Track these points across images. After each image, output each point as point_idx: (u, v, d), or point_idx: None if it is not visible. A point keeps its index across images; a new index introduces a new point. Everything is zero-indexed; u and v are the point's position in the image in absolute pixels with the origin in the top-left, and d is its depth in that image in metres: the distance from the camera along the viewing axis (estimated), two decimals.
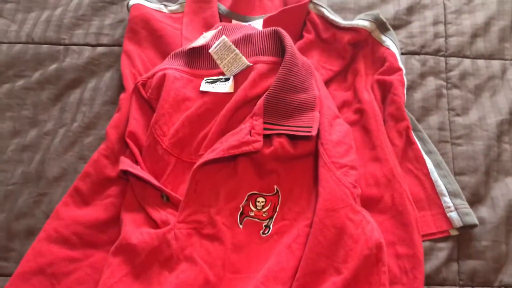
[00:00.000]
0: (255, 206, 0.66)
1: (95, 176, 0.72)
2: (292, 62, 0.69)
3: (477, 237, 0.70)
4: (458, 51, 0.86)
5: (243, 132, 0.66)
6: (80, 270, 0.66)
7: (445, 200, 0.70)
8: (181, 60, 0.77)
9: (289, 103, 0.68)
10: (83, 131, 0.79)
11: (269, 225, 0.66)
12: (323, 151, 0.66)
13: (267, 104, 0.68)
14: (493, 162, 0.75)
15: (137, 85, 0.74)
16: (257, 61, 0.74)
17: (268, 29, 0.74)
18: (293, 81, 0.69)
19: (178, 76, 0.74)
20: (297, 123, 0.67)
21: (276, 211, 0.66)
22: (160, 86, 0.73)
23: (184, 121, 0.71)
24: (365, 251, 0.61)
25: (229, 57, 0.73)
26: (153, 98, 0.74)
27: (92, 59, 0.86)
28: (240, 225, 0.65)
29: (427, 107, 0.80)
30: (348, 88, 0.80)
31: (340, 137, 0.69)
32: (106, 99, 0.82)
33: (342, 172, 0.65)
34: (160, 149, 0.70)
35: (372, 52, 0.82)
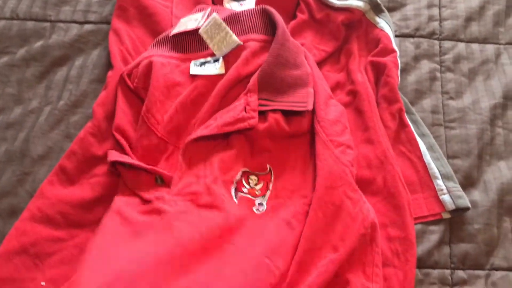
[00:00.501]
0: (248, 183, 0.65)
1: (81, 155, 0.70)
2: (284, 37, 0.68)
3: (469, 220, 0.69)
4: (452, 34, 0.85)
5: (237, 109, 0.65)
6: (64, 250, 0.64)
7: (438, 183, 0.70)
8: (165, 46, 0.75)
9: (283, 78, 0.67)
10: (69, 109, 0.77)
11: (262, 202, 0.64)
12: (320, 129, 0.65)
13: (261, 80, 0.66)
14: (486, 145, 0.75)
15: (122, 76, 0.72)
16: (247, 39, 0.72)
17: (256, 7, 0.73)
18: (287, 56, 0.67)
19: (165, 62, 0.72)
20: (292, 98, 0.66)
21: (269, 189, 0.65)
22: (147, 74, 0.71)
23: (177, 107, 0.69)
24: (361, 230, 0.60)
25: (219, 35, 0.71)
26: (140, 87, 0.71)
27: (79, 37, 0.83)
28: (235, 199, 0.64)
29: (421, 90, 0.79)
30: (341, 70, 0.79)
31: (336, 116, 0.68)
32: (93, 77, 0.80)
33: (340, 151, 0.65)
34: (155, 138, 0.68)
35: (366, 33, 0.80)
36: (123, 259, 0.56)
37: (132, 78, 0.72)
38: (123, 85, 0.72)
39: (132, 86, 0.71)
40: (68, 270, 0.63)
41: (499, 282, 0.66)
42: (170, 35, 0.74)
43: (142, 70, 0.71)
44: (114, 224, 0.61)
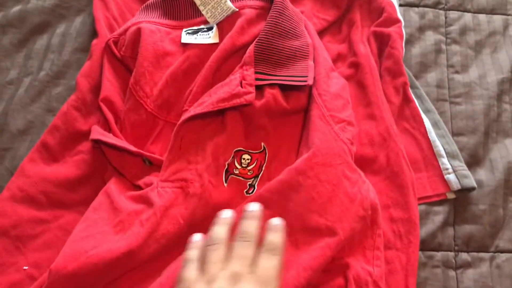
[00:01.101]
0: (240, 163, 0.61)
1: (64, 130, 0.65)
2: (283, 5, 0.63)
3: (474, 200, 0.66)
4: (458, 4, 0.80)
5: (233, 84, 0.60)
6: (48, 232, 0.60)
7: (443, 162, 0.66)
8: (155, 12, 0.69)
9: (281, 50, 0.62)
10: (51, 80, 0.71)
11: (253, 184, 0.60)
12: (321, 103, 0.61)
13: (258, 52, 0.61)
14: (492, 122, 0.71)
15: (108, 43, 0.66)
16: (243, 6, 0.67)
17: None
18: (285, 25, 0.62)
19: (155, 29, 0.67)
20: (291, 72, 0.61)
21: (262, 170, 0.61)
22: (135, 42, 0.66)
23: (167, 79, 0.64)
24: (360, 212, 0.56)
25: (213, 1, 0.66)
26: (127, 56, 0.66)
27: (61, 1, 0.77)
28: (225, 183, 0.59)
29: (425, 63, 0.75)
30: (343, 40, 0.74)
31: (338, 90, 0.63)
32: (76, 46, 0.74)
33: (340, 128, 0.60)
34: (144, 112, 0.63)
35: (369, 2, 0.75)
36: (101, 248, 0.52)
37: (119, 46, 0.66)
38: (109, 54, 0.66)
39: (118, 55, 0.66)
40: (53, 254, 0.58)
41: (504, 264, 0.64)
42: (160, 0, 0.69)
43: (130, 37, 0.65)
44: (101, 207, 0.57)
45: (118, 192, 0.58)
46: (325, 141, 0.58)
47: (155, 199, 0.56)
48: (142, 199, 0.57)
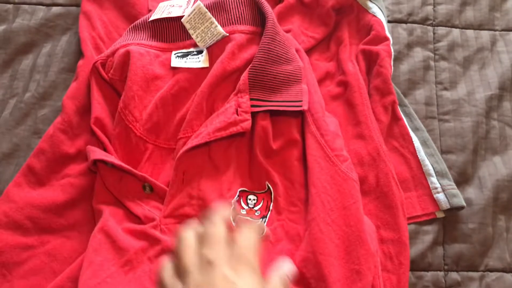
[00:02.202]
0: (247, 203, 0.60)
1: (50, 153, 0.64)
2: (274, 30, 0.62)
3: (464, 219, 0.66)
4: (446, 20, 0.80)
5: (229, 112, 0.59)
6: (35, 258, 0.59)
7: (432, 181, 0.66)
8: (143, 33, 0.68)
9: (275, 75, 0.61)
10: (37, 102, 0.70)
11: (262, 225, 0.60)
12: (324, 143, 0.61)
13: (252, 79, 0.61)
14: (481, 139, 0.71)
15: (95, 65, 0.65)
16: (233, 31, 0.66)
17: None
18: (278, 51, 0.62)
19: (144, 52, 0.66)
20: (286, 97, 0.61)
21: (270, 210, 0.60)
22: (124, 65, 0.65)
23: (157, 103, 0.63)
24: (375, 246, 0.58)
25: (203, 26, 0.65)
26: (116, 79, 0.65)
27: (46, 21, 0.76)
28: (233, 222, 0.58)
29: (414, 80, 0.75)
30: (331, 58, 0.74)
31: (335, 128, 0.64)
32: (62, 66, 0.73)
33: (346, 166, 0.60)
34: (134, 136, 0.62)
35: (357, 20, 0.75)
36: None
37: (107, 68, 0.65)
38: (96, 76, 0.65)
39: (106, 77, 0.65)
40: (39, 281, 0.58)
41: (494, 283, 0.64)
42: (149, 21, 0.68)
43: (119, 60, 0.64)
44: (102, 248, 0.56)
45: (116, 227, 0.57)
46: (335, 184, 0.58)
47: (160, 236, 0.56)
48: (145, 235, 0.56)
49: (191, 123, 0.62)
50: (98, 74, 0.65)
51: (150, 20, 0.67)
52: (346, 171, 0.60)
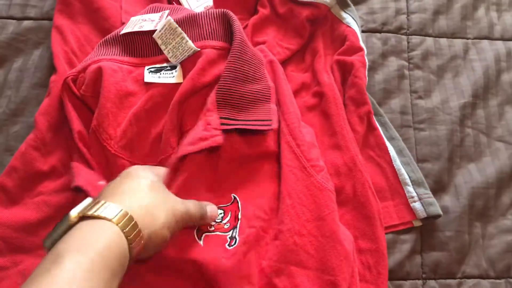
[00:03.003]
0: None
1: (23, 171, 0.62)
2: (241, 50, 0.61)
3: (441, 227, 0.67)
4: (420, 29, 0.81)
5: (199, 129, 0.58)
6: (8, 279, 0.58)
7: (409, 190, 0.67)
8: (114, 48, 0.67)
9: (243, 94, 0.61)
10: (8, 118, 0.69)
11: (234, 236, 0.57)
12: (300, 153, 0.60)
13: (219, 98, 0.60)
14: (456, 147, 0.72)
15: (66, 81, 0.63)
16: (205, 46, 0.65)
17: (216, 11, 0.66)
18: (245, 69, 0.61)
19: (116, 67, 0.64)
20: (255, 116, 0.60)
21: (239, 219, 0.58)
22: (96, 82, 0.63)
23: (131, 119, 0.62)
24: (351, 256, 0.57)
25: (174, 41, 0.64)
26: (88, 96, 0.63)
27: (17, 35, 0.74)
28: (200, 241, 0.57)
29: (389, 89, 0.75)
30: (306, 69, 0.74)
31: (311, 139, 0.64)
32: (35, 81, 0.71)
33: (322, 176, 0.60)
34: (109, 154, 0.61)
35: (332, 30, 0.76)
36: None
37: (78, 84, 0.63)
38: (68, 92, 0.63)
39: (78, 93, 0.63)
40: None
41: None
42: (120, 35, 0.67)
43: (91, 76, 0.63)
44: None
45: None
46: (311, 195, 0.58)
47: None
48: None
49: (168, 141, 0.61)
50: (70, 91, 0.63)
51: (122, 34, 0.66)
52: (322, 182, 0.59)
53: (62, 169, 0.64)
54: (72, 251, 0.38)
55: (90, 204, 0.44)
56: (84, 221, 0.42)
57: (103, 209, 0.43)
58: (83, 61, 0.66)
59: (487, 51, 0.80)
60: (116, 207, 0.43)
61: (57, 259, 0.37)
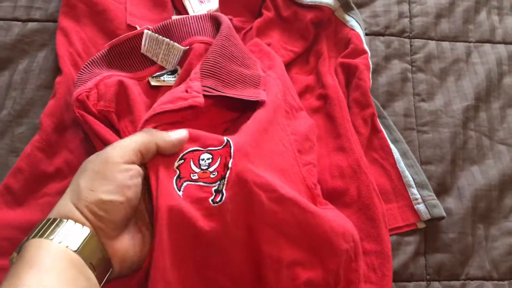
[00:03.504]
0: (199, 165, 0.49)
1: (28, 172, 0.62)
2: (229, 32, 0.60)
3: (444, 229, 0.67)
4: (422, 32, 0.82)
5: (177, 90, 0.54)
6: None
7: (412, 192, 0.67)
8: (110, 68, 0.65)
9: (229, 72, 0.57)
10: (13, 119, 0.69)
11: (221, 189, 0.47)
12: (293, 142, 0.59)
13: (204, 70, 0.56)
14: (459, 150, 0.73)
15: (79, 98, 0.59)
16: (192, 42, 0.63)
17: (204, 13, 0.66)
18: (232, 50, 0.59)
19: (130, 82, 0.63)
20: (241, 92, 0.57)
21: (229, 168, 0.48)
22: (121, 96, 0.61)
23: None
24: (343, 246, 0.52)
25: (162, 49, 0.64)
26: (111, 111, 0.61)
27: (22, 37, 0.74)
28: (178, 191, 0.47)
29: (392, 92, 0.76)
30: (310, 72, 0.75)
31: (307, 130, 0.62)
32: (40, 83, 0.71)
33: (307, 170, 0.59)
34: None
35: (335, 33, 0.76)
36: None
37: (91, 100, 0.61)
38: (81, 110, 0.60)
39: (94, 110, 0.60)
40: None
41: None
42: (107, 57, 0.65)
43: (114, 90, 0.61)
44: None
45: None
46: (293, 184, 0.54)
47: None
48: None
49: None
50: (85, 109, 0.60)
51: (114, 58, 0.65)
52: (306, 176, 0.57)
53: (67, 171, 0.64)
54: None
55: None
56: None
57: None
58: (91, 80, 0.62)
59: (489, 55, 0.81)
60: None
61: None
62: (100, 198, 0.42)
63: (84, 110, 0.60)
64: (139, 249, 0.46)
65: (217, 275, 0.50)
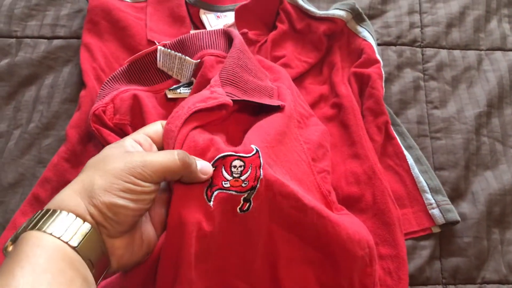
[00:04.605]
0: (231, 173, 0.48)
1: (55, 182, 0.65)
2: (242, 47, 0.62)
3: (459, 233, 0.68)
4: (434, 41, 0.84)
5: (204, 93, 0.55)
6: None
7: (427, 197, 0.68)
8: (127, 81, 0.68)
9: (246, 82, 0.59)
10: (40, 132, 0.72)
11: (249, 198, 0.48)
12: (306, 151, 0.60)
13: (224, 77, 0.57)
14: (472, 155, 0.74)
15: (96, 113, 0.63)
16: (203, 54, 0.65)
17: (218, 29, 0.68)
18: (246, 62, 0.61)
19: (144, 95, 0.65)
20: (260, 99, 0.58)
21: (260, 179, 0.48)
22: (135, 109, 0.64)
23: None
24: (359, 252, 0.54)
25: (175, 64, 0.67)
26: (126, 124, 0.64)
27: (48, 53, 0.78)
28: (208, 202, 0.47)
29: (405, 100, 0.78)
30: (324, 82, 0.77)
31: (319, 138, 0.64)
32: (65, 97, 0.75)
33: (321, 177, 0.60)
34: None
35: (348, 44, 0.78)
36: None
37: (108, 115, 0.64)
38: (100, 123, 0.64)
39: (110, 124, 0.64)
40: None
41: None
42: (126, 68, 0.68)
43: (128, 104, 0.64)
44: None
45: None
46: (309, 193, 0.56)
47: None
48: None
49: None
50: (101, 123, 0.64)
51: (133, 73, 0.68)
52: (320, 183, 0.59)
53: None
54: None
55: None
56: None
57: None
58: (107, 96, 0.65)
59: (501, 62, 0.82)
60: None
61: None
62: (115, 201, 0.40)
63: (101, 124, 0.63)
64: (138, 247, 0.45)
65: (235, 280, 0.52)
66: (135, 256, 0.45)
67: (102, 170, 0.42)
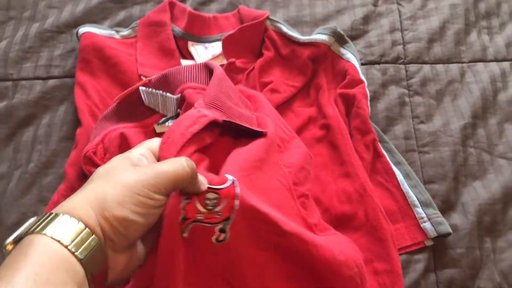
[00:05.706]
0: (205, 205, 0.47)
1: None
2: (222, 77, 0.64)
3: (452, 245, 0.70)
4: (416, 57, 0.86)
5: (192, 115, 0.55)
6: None
7: (418, 211, 0.70)
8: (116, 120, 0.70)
9: (229, 107, 0.59)
10: (40, 171, 0.74)
11: (224, 228, 0.47)
12: (287, 175, 0.60)
13: (208, 101, 0.58)
14: (460, 167, 0.76)
15: (87, 155, 0.65)
16: (183, 88, 0.66)
17: (198, 63, 0.69)
18: (228, 90, 0.62)
19: (132, 132, 0.68)
20: (246, 124, 0.59)
21: (235, 209, 0.47)
22: (123, 147, 0.65)
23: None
24: (347, 272, 0.53)
25: (159, 100, 0.69)
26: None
27: (44, 94, 0.81)
28: (183, 233, 0.47)
29: (391, 116, 0.80)
30: (312, 104, 0.79)
31: (300, 160, 0.64)
32: (62, 135, 0.78)
33: (300, 202, 0.60)
34: None
35: (333, 66, 0.81)
36: None
37: (98, 155, 0.66)
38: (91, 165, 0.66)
39: (101, 163, 0.65)
40: None
41: None
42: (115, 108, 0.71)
43: (116, 143, 0.66)
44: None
45: None
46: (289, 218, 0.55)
47: None
48: None
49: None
50: (92, 163, 0.66)
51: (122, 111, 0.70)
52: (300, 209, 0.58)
53: None
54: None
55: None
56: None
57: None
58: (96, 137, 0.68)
59: (483, 73, 0.84)
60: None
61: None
62: (127, 216, 0.39)
63: (92, 165, 0.65)
64: (134, 262, 0.44)
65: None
66: (129, 270, 0.44)
67: (113, 181, 0.41)
